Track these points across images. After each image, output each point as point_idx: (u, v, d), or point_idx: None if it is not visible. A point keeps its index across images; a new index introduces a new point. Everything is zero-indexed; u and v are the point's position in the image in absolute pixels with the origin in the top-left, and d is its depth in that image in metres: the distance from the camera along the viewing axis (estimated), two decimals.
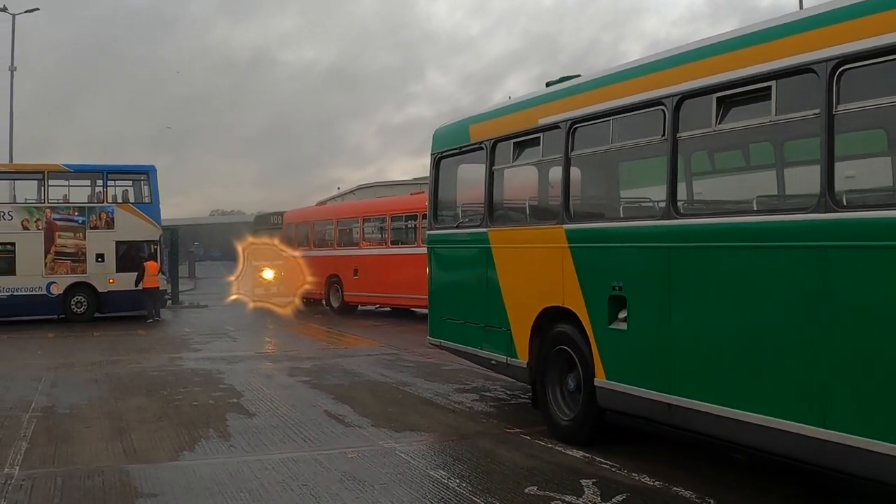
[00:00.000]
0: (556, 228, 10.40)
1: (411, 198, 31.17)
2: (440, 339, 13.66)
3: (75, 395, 14.39)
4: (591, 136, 10.09)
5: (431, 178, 13.94)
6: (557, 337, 10.52)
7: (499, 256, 11.80)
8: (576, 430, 10.26)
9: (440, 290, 13.87)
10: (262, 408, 12.94)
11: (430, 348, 19.96)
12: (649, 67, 9.19)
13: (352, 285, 31.53)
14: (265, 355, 20.33)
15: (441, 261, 13.95)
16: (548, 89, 11.33)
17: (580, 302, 9.93)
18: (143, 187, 32.42)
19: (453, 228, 13.32)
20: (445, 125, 14.10)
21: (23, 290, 29.78)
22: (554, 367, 10.65)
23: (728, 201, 9.75)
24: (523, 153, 11.50)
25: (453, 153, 13.47)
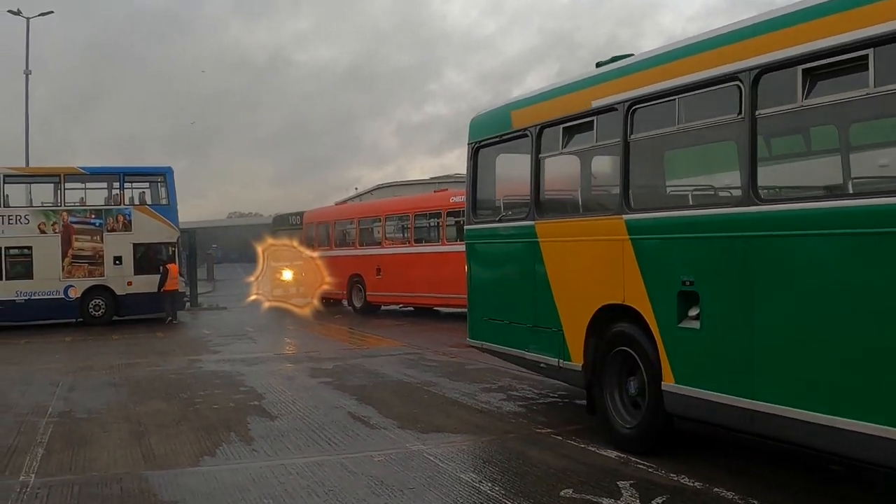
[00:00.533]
0: (615, 220, 9.59)
1: (435, 195, 30.91)
2: (482, 340, 12.95)
3: (93, 400, 14.08)
4: (653, 118, 9.28)
5: (469, 169, 13.15)
6: (617, 337, 9.76)
7: (548, 251, 11.05)
8: (639, 438, 9.45)
9: (481, 289, 13.08)
10: (284, 410, 12.60)
11: (454, 347, 19.76)
12: (722, 39, 8.38)
13: (374, 285, 31.18)
14: (286, 356, 20.02)
15: (482, 257, 13.19)
16: (601, 69, 10.53)
17: (644, 299, 9.15)
18: (161, 189, 32.20)
19: (495, 222, 12.58)
20: (483, 112, 13.32)
21: (40, 294, 29.64)
22: (612, 369, 9.90)
23: (815, 186, 8.88)
24: (574, 139, 10.71)
25: (493, 142, 12.68)
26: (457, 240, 26.48)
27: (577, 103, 10.49)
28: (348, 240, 33.90)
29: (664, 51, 9.36)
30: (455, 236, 27.03)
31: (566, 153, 10.95)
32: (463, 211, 26.67)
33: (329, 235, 34.85)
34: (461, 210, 26.49)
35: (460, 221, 26.79)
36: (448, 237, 27.41)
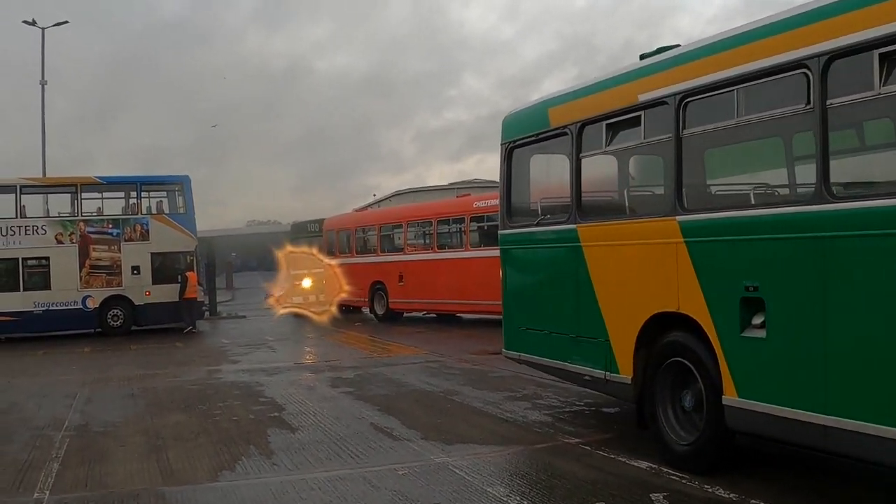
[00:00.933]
0: (667, 221, 8.92)
1: (458, 200, 30.58)
2: (518, 351, 12.25)
3: (110, 412, 13.83)
4: (708, 111, 8.62)
5: (503, 170, 12.48)
6: (670, 347, 9.09)
7: (591, 256, 10.39)
8: (696, 456, 8.77)
9: (518, 297, 12.37)
10: (304, 422, 12.29)
11: (475, 354, 19.48)
12: (786, 24, 7.67)
13: (397, 292, 30.85)
14: (306, 366, 19.76)
15: (518, 263, 12.50)
16: (647, 61, 9.85)
17: (701, 306, 8.49)
18: (178, 198, 32.08)
19: (532, 226, 11.77)
20: (517, 110, 12.60)
21: (58, 305, 29.50)
22: (665, 382, 9.22)
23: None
24: (618, 136, 10.07)
25: (529, 141, 11.98)
26: (480, 245, 26.37)
27: (621, 98, 9.86)
28: (370, 247, 33.59)
29: (720, 38, 8.64)
30: (479, 242, 26.80)
31: (610, 152, 10.41)
32: (486, 216, 26.72)
33: (350, 242, 34.57)
34: (485, 215, 26.24)
35: (484, 227, 26.56)
36: (472, 243, 27.09)
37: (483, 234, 26.78)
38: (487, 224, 26.31)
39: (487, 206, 26.12)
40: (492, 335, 23.80)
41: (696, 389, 8.80)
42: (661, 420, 9.31)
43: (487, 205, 26.22)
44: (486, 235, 26.41)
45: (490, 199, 26.66)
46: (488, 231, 26.31)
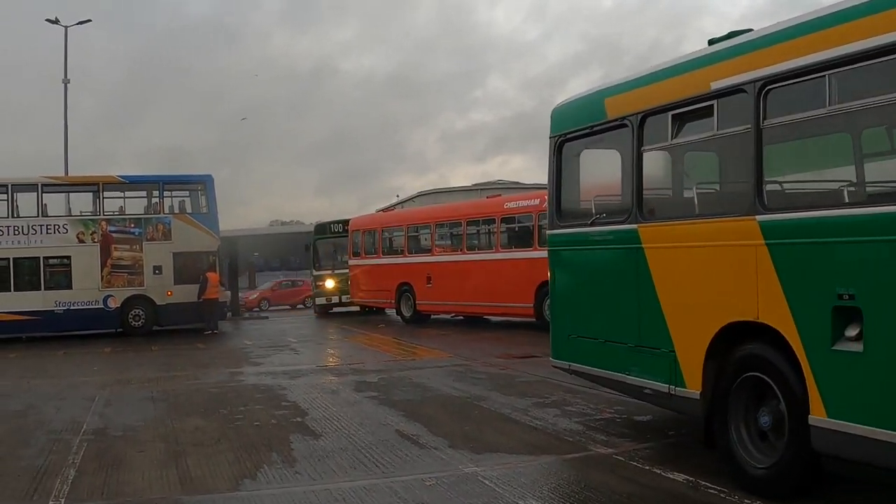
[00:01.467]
0: (746, 221, 8.02)
1: (488, 201, 30.12)
2: (568, 361, 11.42)
3: (129, 416, 13.53)
4: (795, 99, 7.70)
5: (552, 166, 11.62)
6: (746, 360, 8.20)
7: (655, 259, 9.55)
8: (776, 480, 7.88)
9: (568, 302, 11.54)
10: (328, 428, 11.93)
11: (501, 358, 19.10)
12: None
13: (425, 293, 30.38)
14: (329, 368, 19.41)
15: (569, 266, 11.67)
16: (720, 45, 8.93)
17: (785, 315, 7.57)
18: (201, 197, 32.01)
19: (585, 226, 10.86)
20: (568, 101, 11.71)
21: (79, 304, 29.54)
22: (739, 398, 8.32)
23: None
24: (686, 127, 9.20)
25: (581, 134, 11.08)
26: (511, 247, 26.02)
27: (691, 86, 9.02)
28: (396, 247, 33.11)
29: (810, 18, 7.70)
30: (509, 243, 26.42)
31: (677, 145, 9.56)
32: (517, 217, 26.45)
33: (376, 243, 34.03)
34: (515, 216, 25.86)
35: (515, 228, 26.17)
36: (502, 244, 26.66)
37: (514, 236, 26.48)
38: (518, 225, 26.09)
39: (518, 207, 25.84)
40: (518, 339, 23.58)
41: (775, 407, 7.92)
42: (733, 440, 8.43)
43: (518, 206, 25.98)
44: (517, 237, 26.15)
45: (521, 200, 26.43)
46: (519, 232, 26.05)
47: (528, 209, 25.26)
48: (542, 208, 24.57)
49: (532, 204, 25.21)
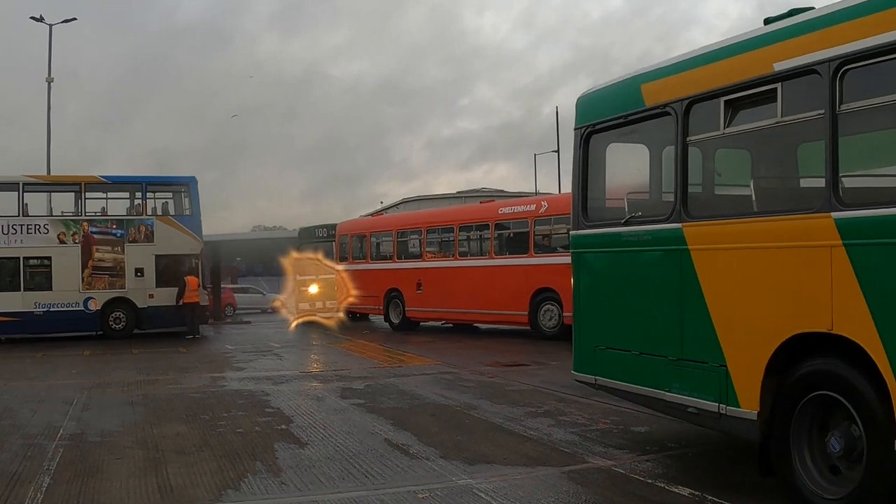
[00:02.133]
0: (819, 219, 7.09)
1: (482, 206, 29.76)
2: (594, 374, 10.39)
3: (108, 420, 13.06)
4: (879, 80, 6.78)
5: (577, 160, 10.60)
6: (815, 377, 7.27)
7: (702, 261, 8.55)
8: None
9: (595, 309, 10.48)
10: (314, 436, 11.48)
11: (490, 366, 18.69)
12: None
13: (414, 300, 29.88)
14: (313, 374, 18.96)
15: (597, 270, 10.61)
16: (784, 22, 7.93)
17: (867, 327, 6.61)
18: (184, 199, 31.61)
19: (618, 226, 9.83)
20: (598, 88, 10.71)
21: (59, 306, 29.04)
22: (804, 420, 7.44)
23: None
24: (742, 114, 8.20)
25: (614, 124, 10.06)
26: (505, 253, 25.70)
27: (748, 68, 8.06)
28: (386, 252, 32.58)
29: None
30: (503, 250, 26.06)
31: (731, 134, 8.45)
32: (511, 223, 26.15)
33: (365, 247, 33.54)
34: (511, 222, 25.54)
35: (510, 234, 25.91)
36: (496, 250, 26.25)
37: (508, 242, 26.12)
38: (513, 231, 25.74)
39: (514, 213, 25.57)
40: (506, 347, 23.19)
41: (849, 431, 7.05)
42: (797, 467, 7.51)
43: (513, 211, 25.72)
44: (512, 243, 25.81)
45: (516, 206, 26.23)
46: (514, 239, 25.71)
47: (524, 215, 24.99)
48: (538, 214, 24.25)
49: (528, 210, 24.96)
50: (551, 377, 16.70)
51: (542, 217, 24.56)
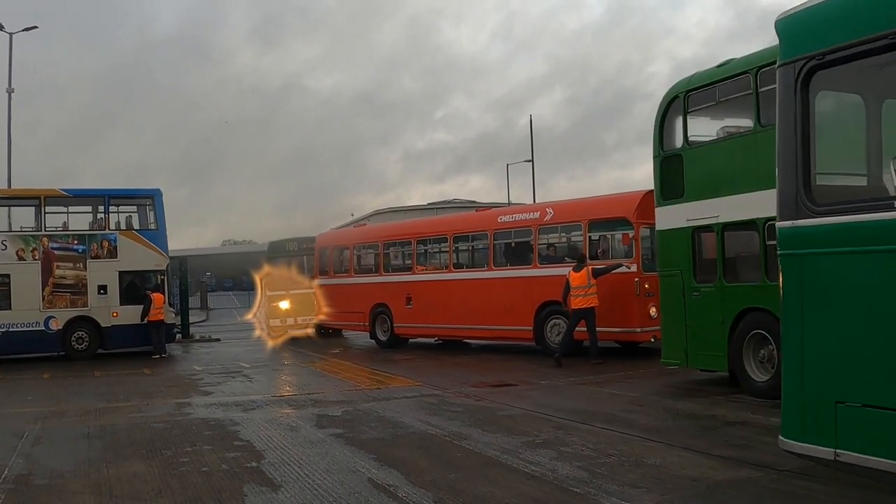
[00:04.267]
0: None
1: (479, 214, 28.12)
2: (836, 447, 7.00)
3: (59, 457, 11.80)
4: None
5: (790, 111, 7.45)
6: None
7: None
8: None
9: (838, 343, 7.09)
10: (288, 475, 10.17)
11: (475, 387, 17.44)
12: None
13: (403, 316, 28.03)
14: (286, 399, 17.59)
15: (843, 282, 7.08)
16: None
17: None
18: (149, 213, 30.30)
19: (882, 210, 6.60)
20: (809, 4, 7.44)
21: (19, 326, 27.68)
22: None
23: None
24: None
25: (865, 49, 6.77)
26: (506, 265, 24.29)
27: None
28: (371, 265, 30.69)
29: None
30: (504, 260, 24.60)
31: None
32: (513, 232, 24.44)
33: (347, 260, 31.66)
34: (512, 231, 24.11)
35: (511, 244, 24.42)
36: (496, 261, 24.70)
37: (510, 253, 24.61)
38: (515, 241, 24.31)
39: (515, 221, 24.18)
40: (488, 364, 22.07)
41: None
42: None
43: (515, 219, 24.29)
44: (514, 254, 24.35)
45: (517, 213, 24.81)
46: (516, 249, 24.27)
47: (527, 223, 23.60)
48: (542, 222, 22.90)
49: (531, 217, 23.59)
50: (543, 399, 15.54)
51: (547, 225, 23.19)
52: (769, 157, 11.83)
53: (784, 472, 9.26)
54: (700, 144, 15.94)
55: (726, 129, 15.73)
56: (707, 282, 15.46)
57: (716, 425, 12.48)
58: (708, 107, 15.88)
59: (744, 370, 14.83)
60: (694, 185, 15.75)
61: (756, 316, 14.45)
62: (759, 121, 14.31)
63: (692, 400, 14.80)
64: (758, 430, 11.80)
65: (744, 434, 11.66)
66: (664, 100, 16.46)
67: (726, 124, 15.93)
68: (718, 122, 16.21)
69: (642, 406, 14.55)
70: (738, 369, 14.98)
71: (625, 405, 14.61)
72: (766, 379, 14.46)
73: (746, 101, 14.69)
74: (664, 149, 16.50)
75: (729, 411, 13.48)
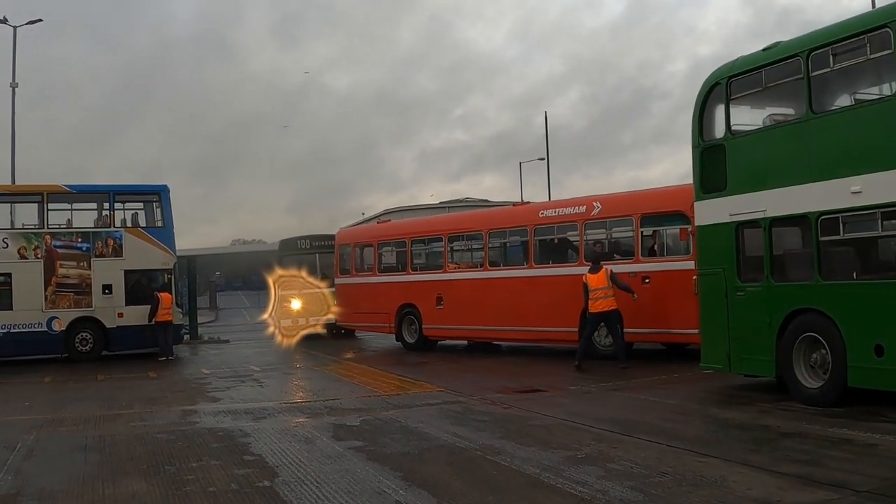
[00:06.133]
0: None
1: (518, 209, 26.67)
2: None
3: (52, 474, 10.74)
4: None
5: None
6: None
7: None
8: None
9: None
10: (306, 497, 9.00)
11: (501, 394, 16.33)
12: None
13: (433, 317, 26.56)
14: (299, 406, 16.48)
15: None
16: None
17: None
18: (156, 210, 29.44)
19: None
20: None
21: (20, 327, 26.82)
22: None
23: None
24: None
25: None
26: (548, 262, 22.91)
27: None
28: (397, 263, 29.12)
29: None
30: (546, 258, 23.17)
31: None
32: (556, 227, 22.88)
33: (371, 258, 30.04)
34: (555, 226, 22.83)
35: (553, 240, 23.14)
36: (536, 259, 23.22)
37: (552, 250, 23.23)
38: (557, 237, 23.07)
39: (558, 216, 22.78)
40: (509, 368, 21.10)
41: None
42: None
43: (558, 214, 22.87)
44: (557, 251, 23.02)
45: (561, 208, 23.21)
46: (560, 245, 23.03)
47: (572, 217, 22.18)
48: (589, 217, 21.60)
49: (577, 212, 22.13)
50: (576, 407, 14.45)
51: (595, 220, 21.77)
52: (822, 146, 11.00)
53: (863, 494, 8.15)
54: (745, 134, 14.87)
55: (773, 117, 14.69)
56: (752, 281, 14.42)
57: (771, 437, 11.34)
58: (753, 93, 14.81)
59: (793, 376, 13.79)
60: (738, 178, 14.69)
61: (808, 317, 13.49)
62: (811, 107, 13.29)
63: (738, 408, 13.68)
64: (820, 443, 10.70)
65: (805, 448, 10.51)
66: (704, 86, 15.38)
67: (768, 112, 14.94)
68: (759, 111, 15.19)
69: (685, 415, 13.47)
70: (786, 375, 13.94)
71: (666, 414, 13.51)
72: (818, 385, 13.45)
73: (795, 86, 13.69)
74: (704, 139, 15.43)
75: (782, 421, 12.34)
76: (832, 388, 12.99)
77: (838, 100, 13.99)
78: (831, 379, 13.01)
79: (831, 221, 12.91)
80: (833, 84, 13.70)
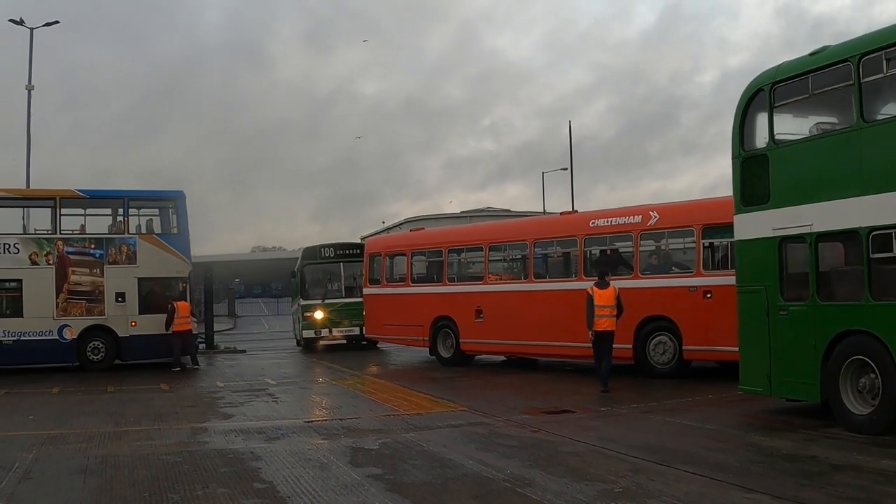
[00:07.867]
0: None
1: (566, 218, 25.37)
2: None
3: (47, 500, 10.02)
4: None
5: None
6: None
7: None
8: None
9: None
10: None
11: (528, 414, 15.50)
12: None
13: (471, 330, 25.29)
14: (315, 425, 15.57)
15: None
16: None
17: None
18: (171, 216, 28.93)
19: None
20: None
21: (31, 335, 26.24)
22: None
23: None
24: None
25: None
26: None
27: None
28: (432, 273, 27.85)
29: None
30: (595, 270, 21.22)
31: None
32: (608, 238, 21.79)
33: (403, 268, 28.75)
34: (607, 237, 21.83)
35: (605, 251, 22.10)
36: (586, 272, 21.92)
37: (604, 262, 21.73)
38: (610, 248, 22.06)
39: (611, 226, 21.69)
40: (536, 386, 20.37)
41: None
42: None
43: (611, 223, 21.75)
44: (609, 263, 21.50)
45: (613, 217, 21.99)
46: (612, 257, 21.88)
47: (627, 227, 21.11)
48: (645, 227, 20.65)
49: (631, 221, 21.03)
50: (608, 432, 13.62)
51: (651, 230, 20.74)
52: (873, 157, 10.22)
53: None
54: (789, 143, 14.01)
55: (821, 126, 13.85)
56: (797, 299, 13.56)
57: (822, 470, 10.47)
58: (798, 100, 13.98)
59: (840, 401, 12.94)
60: (781, 190, 13.84)
61: (856, 339, 12.66)
62: (862, 116, 12.46)
63: (781, 435, 12.80)
64: (875, 478, 9.84)
65: (860, 483, 9.64)
66: (746, 93, 14.54)
67: (813, 121, 14.11)
68: (803, 119, 14.36)
69: (725, 442, 12.59)
70: (832, 400, 13.06)
71: (704, 441, 12.65)
72: (866, 412, 12.62)
73: (844, 93, 12.88)
74: (745, 148, 14.59)
75: (830, 451, 11.47)
76: (882, 416, 12.16)
77: (891, 108, 13.14)
78: (881, 406, 12.20)
79: (883, 237, 12.08)
80: (886, 91, 12.85)
